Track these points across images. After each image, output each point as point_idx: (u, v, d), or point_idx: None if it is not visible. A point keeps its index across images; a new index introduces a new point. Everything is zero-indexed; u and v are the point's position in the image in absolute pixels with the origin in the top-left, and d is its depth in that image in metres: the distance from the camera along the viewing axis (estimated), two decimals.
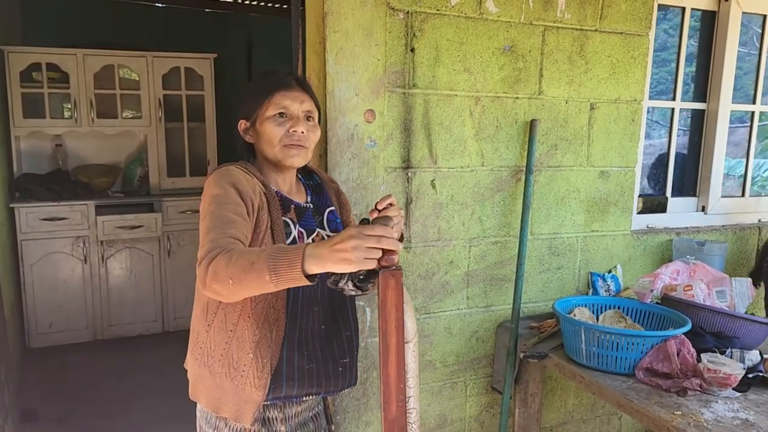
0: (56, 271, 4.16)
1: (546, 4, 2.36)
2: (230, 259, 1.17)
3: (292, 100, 1.47)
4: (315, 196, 1.62)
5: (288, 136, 1.45)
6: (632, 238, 2.72)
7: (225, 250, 1.20)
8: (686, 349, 1.87)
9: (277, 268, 1.12)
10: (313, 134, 1.50)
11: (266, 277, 1.12)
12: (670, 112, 2.91)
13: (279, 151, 1.46)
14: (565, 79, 2.45)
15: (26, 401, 3.28)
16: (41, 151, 4.56)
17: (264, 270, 1.12)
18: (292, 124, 1.45)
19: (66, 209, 4.15)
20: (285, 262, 1.11)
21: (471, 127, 2.32)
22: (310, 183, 1.66)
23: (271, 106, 1.46)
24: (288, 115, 1.46)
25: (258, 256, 1.14)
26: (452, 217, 2.34)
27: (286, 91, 1.47)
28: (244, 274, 1.14)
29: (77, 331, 4.27)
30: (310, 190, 1.63)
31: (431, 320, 2.37)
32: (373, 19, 2.08)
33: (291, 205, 1.51)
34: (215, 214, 1.31)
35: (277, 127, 1.45)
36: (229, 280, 1.16)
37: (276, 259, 1.12)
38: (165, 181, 4.71)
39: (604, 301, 2.26)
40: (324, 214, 1.60)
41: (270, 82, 1.49)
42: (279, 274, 1.12)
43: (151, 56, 4.52)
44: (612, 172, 2.61)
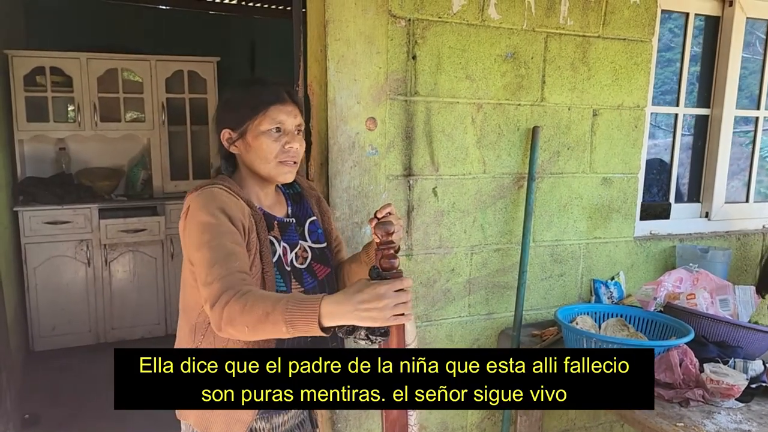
0: (59, 274, 4.18)
1: (548, 11, 2.35)
2: (245, 305, 1.18)
3: (287, 114, 1.44)
4: (295, 206, 1.60)
5: (284, 152, 1.43)
6: (635, 244, 2.71)
7: (238, 293, 1.21)
8: (689, 359, 1.86)
9: (293, 322, 1.15)
10: (302, 148, 1.49)
11: (282, 329, 1.16)
12: (674, 118, 2.90)
13: (273, 167, 1.44)
14: (568, 86, 2.44)
15: (28, 405, 3.28)
16: (45, 154, 4.57)
17: (280, 322, 1.15)
18: (288, 140, 1.44)
19: (69, 213, 4.17)
20: (301, 317, 1.14)
21: (473, 134, 2.31)
22: (290, 192, 1.63)
23: (267, 120, 1.42)
24: (284, 130, 1.44)
25: (274, 307, 1.16)
26: (454, 225, 2.33)
27: (282, 106, 1.44)
28: (260, 324, 1.17)
29: (80, 335, 4.29)
30: (290, 199, 1.61)
31: (432, 328, 2.36)
32: (374, 26, 2.08)
33: (274, 222, 1.50)
34: (213, 245, 1.29)
35: (273, 142, 1.43)
36: (245, 328, 1.19)
37: (292, 312, 1.15)
38: (168, 185, 4.72)
39: (606, 309, 2.25)
40: (305, 225, 1.59)
41: (264, 95, 1.45)
42: (296, 327, 1.15)
43: (155, 60, 4.53)
44: (615, 179, 2.60)
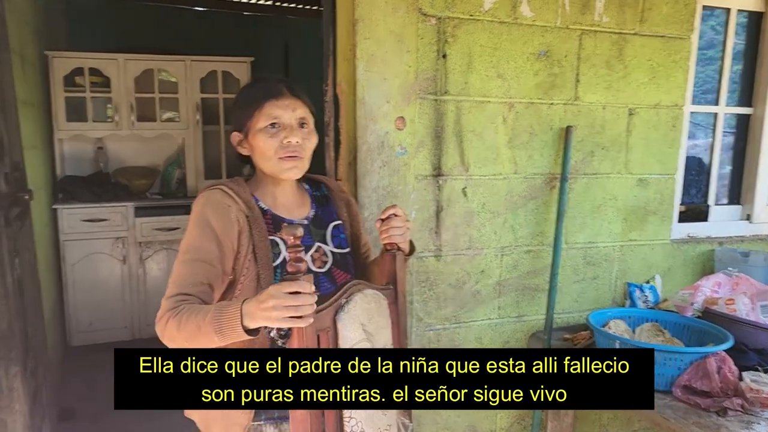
0: (96, 271, 4.26)
1: (583, 8, 2.30)
2: (179, 323, 1.24)
3: (284, 109, 1.41)
4: (320, 209, 1.57)
5: (283, 147, 1.39)
6: (672, 247, 2.64)
7: (175, 311, 1.27)
8: (727, 366, 1.79)
9: (221, 329, 1.19)
10: (309, 142, 1.44)
11: (214, 339, 1.20)
12: (714, 117, 2.81)
13: (275, 164, 1.41)
14: (603, 84, 2.39)
15: (65, 399, 3.36)
16: (83, 153, 4.67)
17: (211, 333, 1.20)
18: (286, 134, 1.39)
19: (106, 211, 4.24)
20: (226, 322, 1.18)
21: (504, 134, 2.28)
22: (317, 194, 1.60)
23: (262, 117, 1.40)
24: (280, 125, 1.40)
25: (203, 319, 1.21)
26: (483, 226, 2.30)
27: (276, 100, 1.41)
28: (194, 337, 1.23)
29: (116, 330, 4.36)
30: (316, 202, 1.58)
31: (462, 330, 2.33)
32: (404, 25, 2.06)
33: (282, 223, 1.45)
34: (184, 259, 1.36)
35: (270, 139, 1.40)
36: (184, 342, 1.26)
37: (219, 320, 1.19)
38: (202, 184, 4.77)
39: (640, 314, 2.20)
40: (328, 228, 1.55)
41: (258, 92, 1.44)
42: (224, 335, 1.19)
43: (190, 60, 4.59)
44: (651, 180, 2.53)
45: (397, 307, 1.49)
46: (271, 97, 1.41)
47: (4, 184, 2.20)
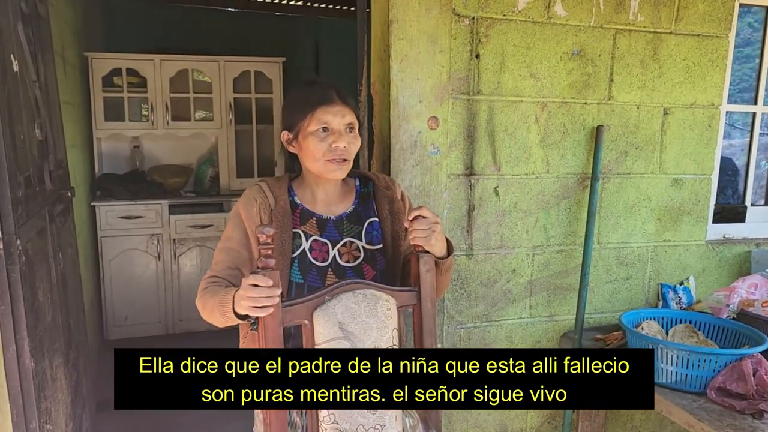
0: (132, 267, 4.36)
1: (618, 7, 2.29)
2: (204, 301, 1.46)
3: (334, 115, 1.49)
4: (361, 205, 1.64)
5: (331, 151, 1.48)
6: (707, 248, 2.60)
7: (203, 293, 1.48)
8: (763, 369, 1.77)
9: (223, 312, 1.38)
10: (354, 145, 1.53)
11: (221, 318, 1.41)
12: (751, 117, 2.76)
13: (322, 165, 1.50)
14: (637, 84, 2.37)
15: (102, 391, 3.45)
16: (120, 152, 4.78)
17: (217, 313, 1.40)
18: (334, 139, 1.48)
19: (142, 208, 4.34)
20: (226, 306, 1.36)
21: (536, 133, 2.28)
22: (364, 191, 1.67)
23: (314, 121, 1.49)
24: (330, 129, 1.49)
25: (215, 301, 1.40)
26: (515, 225, 2.31)
27: (328, 107, 1.49)
28: (211, 315, 1.44)
29: (150, 325, 4.46)
30: (359, 198, 1.65)
31: (492, 329, 2.34)
32: (438, 26, 2.08)
33: (312, 218, 1.56)
34: (221, 247, 1.57)
35: (320, 142, 1.49)
36: (208, 317, 1.46)
37: (221, 303, 1.38)
38: (234, 182, 4.85)
39: (674, 315, 2.18)
40: (363, 225, 1.61)
41: (312, 96, 1.52)
42: (226, 316, 1.38)
43: (223, 61, 4.66)
44: (686, 180, 2.51)
45: (420, 309, 1.50)
46: (323, 103, 1.50)
47: (49, 182, 2.28)
